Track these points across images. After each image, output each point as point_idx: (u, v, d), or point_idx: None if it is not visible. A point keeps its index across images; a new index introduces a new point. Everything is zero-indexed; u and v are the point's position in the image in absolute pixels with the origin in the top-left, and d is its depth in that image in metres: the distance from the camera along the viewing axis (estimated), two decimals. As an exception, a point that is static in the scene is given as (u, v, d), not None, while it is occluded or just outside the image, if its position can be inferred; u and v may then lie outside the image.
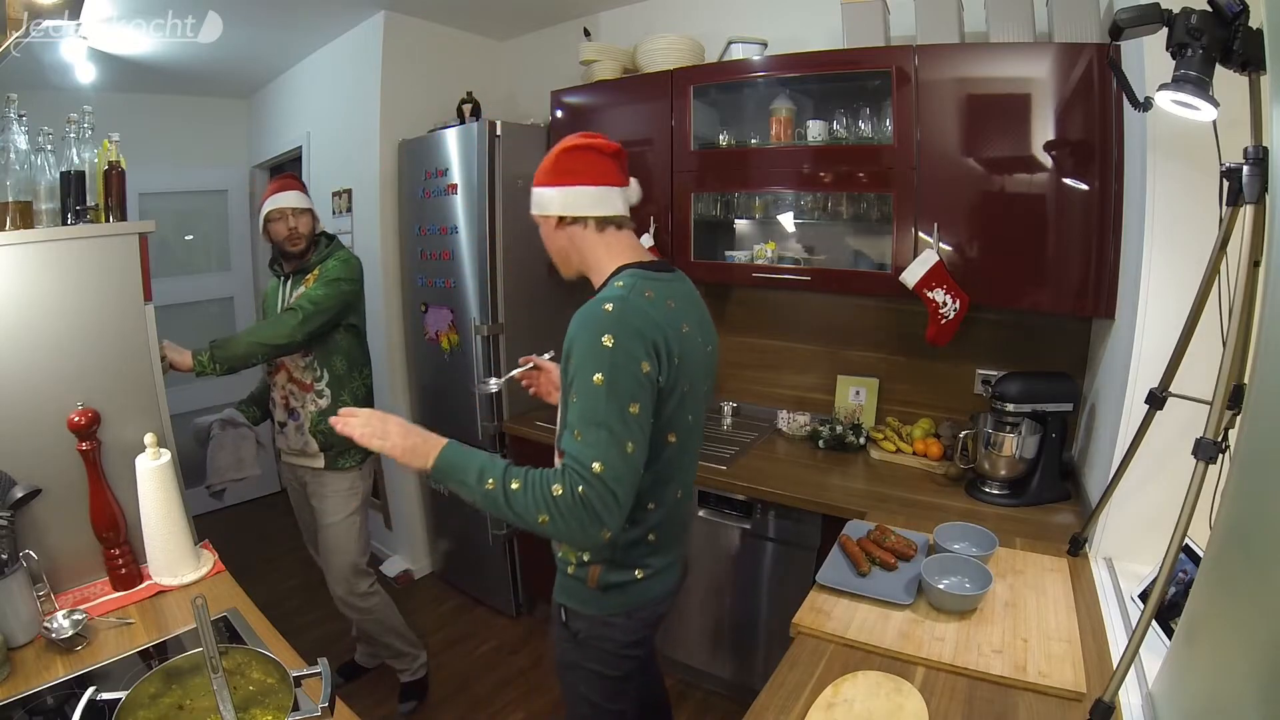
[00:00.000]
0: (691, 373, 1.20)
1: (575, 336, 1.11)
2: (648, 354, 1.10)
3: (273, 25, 2.80)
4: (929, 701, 1.07)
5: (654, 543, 1.27)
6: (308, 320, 1.95)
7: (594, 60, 2.56)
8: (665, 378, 1.13)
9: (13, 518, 1.28)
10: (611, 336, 1.08)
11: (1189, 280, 1.20)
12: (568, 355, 1.12)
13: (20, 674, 1.17)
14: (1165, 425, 1.30)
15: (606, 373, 1.06)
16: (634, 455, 1.08)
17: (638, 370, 1.08)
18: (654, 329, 1.12)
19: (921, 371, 2.31)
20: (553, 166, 1.26)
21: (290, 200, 2.06)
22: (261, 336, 1.92)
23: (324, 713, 0.92)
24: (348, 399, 2.12)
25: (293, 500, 2.35)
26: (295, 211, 2.06)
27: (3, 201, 1.33)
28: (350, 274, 2.08)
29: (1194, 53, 1.00)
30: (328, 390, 2.10)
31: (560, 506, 1.04)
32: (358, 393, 2.16)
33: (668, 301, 1.19)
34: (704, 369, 1.27)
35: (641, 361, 1.09)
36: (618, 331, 1.08)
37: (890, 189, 1.98)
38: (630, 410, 1.07)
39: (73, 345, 1.41)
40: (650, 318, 1.12)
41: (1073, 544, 1.55)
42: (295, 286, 2.10)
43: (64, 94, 2.32)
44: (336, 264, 2.07)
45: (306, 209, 2.09)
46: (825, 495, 1.93)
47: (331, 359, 2.10)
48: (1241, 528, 0.83)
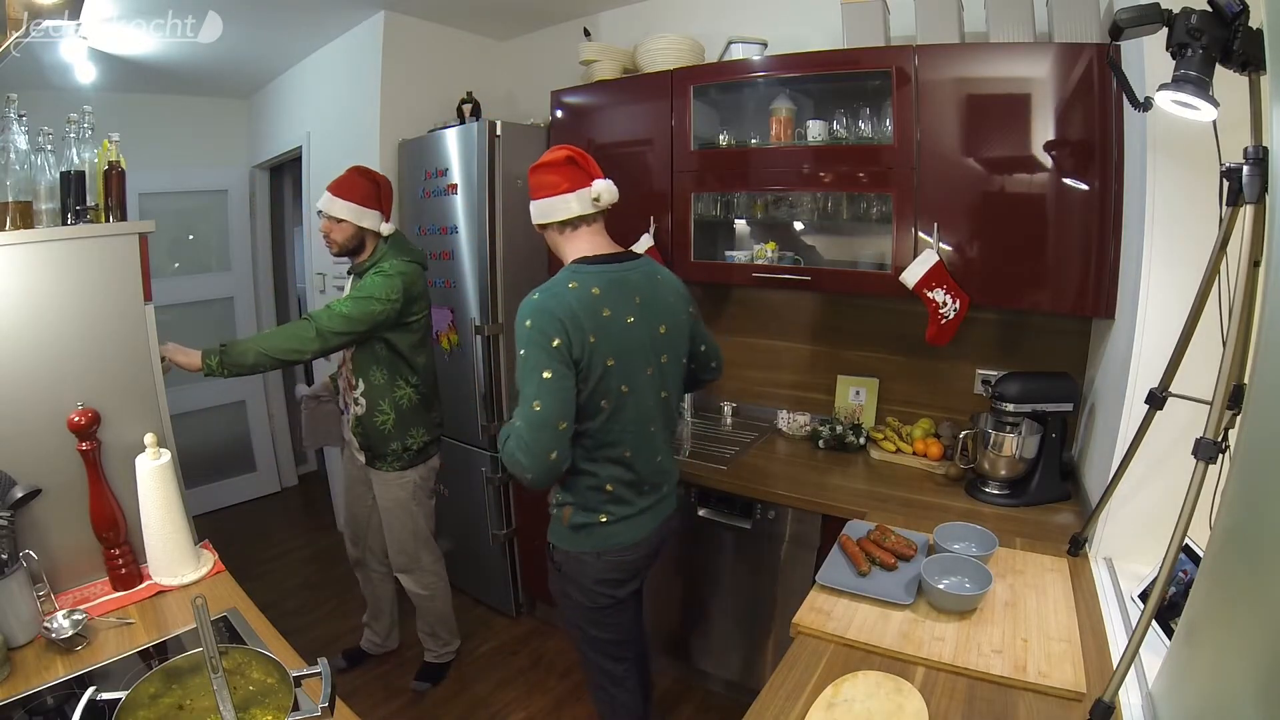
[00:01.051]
0: (614, 349, 1.43)
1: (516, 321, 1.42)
2: (558, 331, 1.36)
3: (273, 25, 2.80)
4: (929, 701, 1.07)
5: (611, 493, 1.52)
6: (323, 336, 1.87)
7: (594, 60, 2.56)
8: (579, 352, 1.38)
9: (13, 518, 1.28)
10: (530, 319, 1.38)
11: (1189, 280, 1.20)
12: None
13: (20, 674, 1.18)
14: (1165, 425, 1.30)
15: (526, 348, 1.38)
16: (542, 412, 1.36)
17: (548, 344, 1.36)
18: (566, 311, 1.38)
19: (921, 371, 2.31)
20: (529, 184, 1.52)
21: (325, 204, 2.01)
22: (272, 347, 1.84)
23: (324, 713, 0.92)
24: (387, 408, 2.09)
25: (348, 480, 2.35)
26: (331, 218, 2.01)
27: (3, 201, 1.33)
28: (387, 292, 1.96)
29: (1194, 53, 1.00)
30: (364, 399, 2.08)
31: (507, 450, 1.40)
32: (401, 403, 2.10)
33: (592, 289, 1.43)
34: (636, 344, 1.47)
35: (553, 338, 1.36)
36: (535, 315, 1.38)
37: (890, 189, 1.98)
38: (543, 376, 1.36)
39: (73, 345, 1.41)
40: (565, 302, 1.39)
41: (1073, 544, 1.55)
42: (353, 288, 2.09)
43: (64, 94, 2.33)
44: (377, 279, 1.98)
45: (337, 218, 2.01)
46: (825, 495, 1.93)
47: (369, 369, 2.06)
48: (1241, 528, 0.83)
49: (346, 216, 2.00)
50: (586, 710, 2.29)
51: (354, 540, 2.40)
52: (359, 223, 2.02)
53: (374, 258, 2.07)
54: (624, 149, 2.47)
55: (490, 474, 2.66)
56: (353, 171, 2.07)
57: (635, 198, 2.43)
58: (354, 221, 2.01)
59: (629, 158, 2.45)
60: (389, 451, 2.12)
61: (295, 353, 1.86)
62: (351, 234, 2.03)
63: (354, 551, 2.43)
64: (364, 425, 2.10)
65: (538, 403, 1.36)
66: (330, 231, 2.02)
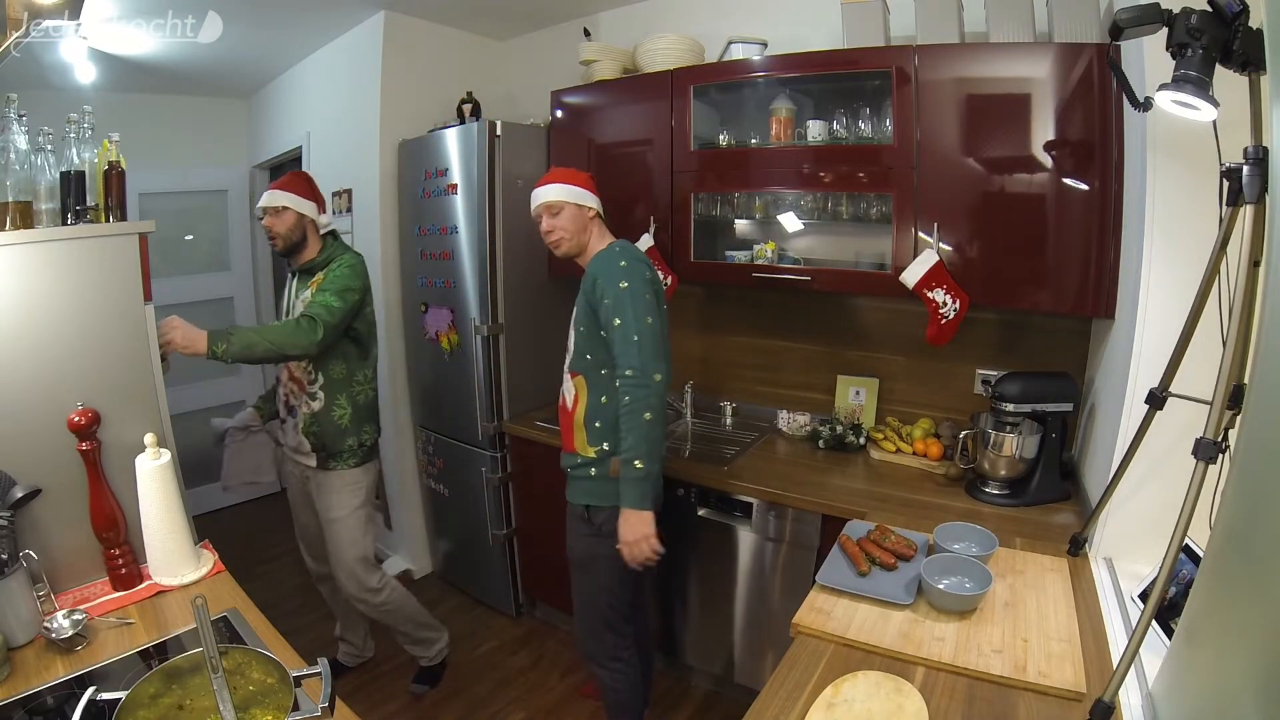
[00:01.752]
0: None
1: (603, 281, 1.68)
2: (648, 267, 1.74)
3: (273, 25, 2.80)
4: (929, 701, 1.07)
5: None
6: (327, 333, 1.91)
7: (594, 60, 2.56)
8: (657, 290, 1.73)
9: (13, 518, 1.28)
10: (624, 260, 1.69)
11: (1189, 280, 1.20)
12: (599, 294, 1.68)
13: (20, 674, 1.17)
14: (1165, 425, 1.30)
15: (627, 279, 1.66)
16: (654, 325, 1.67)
17: (642, 276, 1.68)
18: (644, 259, 1.75)
19: (921, 371, 2.31)
20: (587, 180, 1.83)
21: (266, 199, 2.03)
22: (281, 342, 1.85)
23: (324, 713, 0.92)
24: (345, 403, 2.09)
25: (290, 497, 2.32)
26: (273, 210, 2.02)
27: (3, 201, 1.33)
28: (360, 281, 2.05)
29: (1194, 53, 1.00)
30: (321, 393, 2.07)
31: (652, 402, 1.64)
32: (358, 398, 2.12)
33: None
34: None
35: (643, 271, 1.70)
36: (626, 256, 1.71)
37: (890, 189, 1.98)
38: (645, 298, 1.67)
39: (73, 345, 1.41)
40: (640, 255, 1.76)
41: (1073, 544, 1.55)
42: (301, 287, 2.09)
43: (64, 94, 2.33)
44: (346, 271, 2.02)
45: (284, 208, 2.02)
46: (825, 495, 1.93)
47: (329, 363, 2.06)
48: (1241, 528, 0.83)
49: (287, 204, 2.02)
50: (587, 710, 2.29)
51: (314, 556, 2.33)
52: (299, 209, 2.04)
53: (324, 254, 2.08)
54: (624, 149, 2.47)
55: (490, 474, 2.67)
56: (286, 175, 2.13)
57: (635, 198, 2.43)
58: (294, 209, 2.03)
59: (629, 158, 2.45)
60: (344, 448, 2.11)
61: (301, 349, 1.87)
62: (293, 223, 2.04)
63: (315, 566, 2.36)
64: (319, 422, 2.07)
65: (650, 317, 1.64)
66: (274, 226, 2.03)
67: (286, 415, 2.15)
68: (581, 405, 1.75)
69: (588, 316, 1.72)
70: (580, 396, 1.76)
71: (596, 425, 1.73)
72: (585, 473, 1.76)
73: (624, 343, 1.64)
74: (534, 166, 2.63)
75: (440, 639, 2.42)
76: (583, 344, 1.74)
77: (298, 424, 2.11)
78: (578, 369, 1.76)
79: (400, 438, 3.07)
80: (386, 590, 2.23)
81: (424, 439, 3.01)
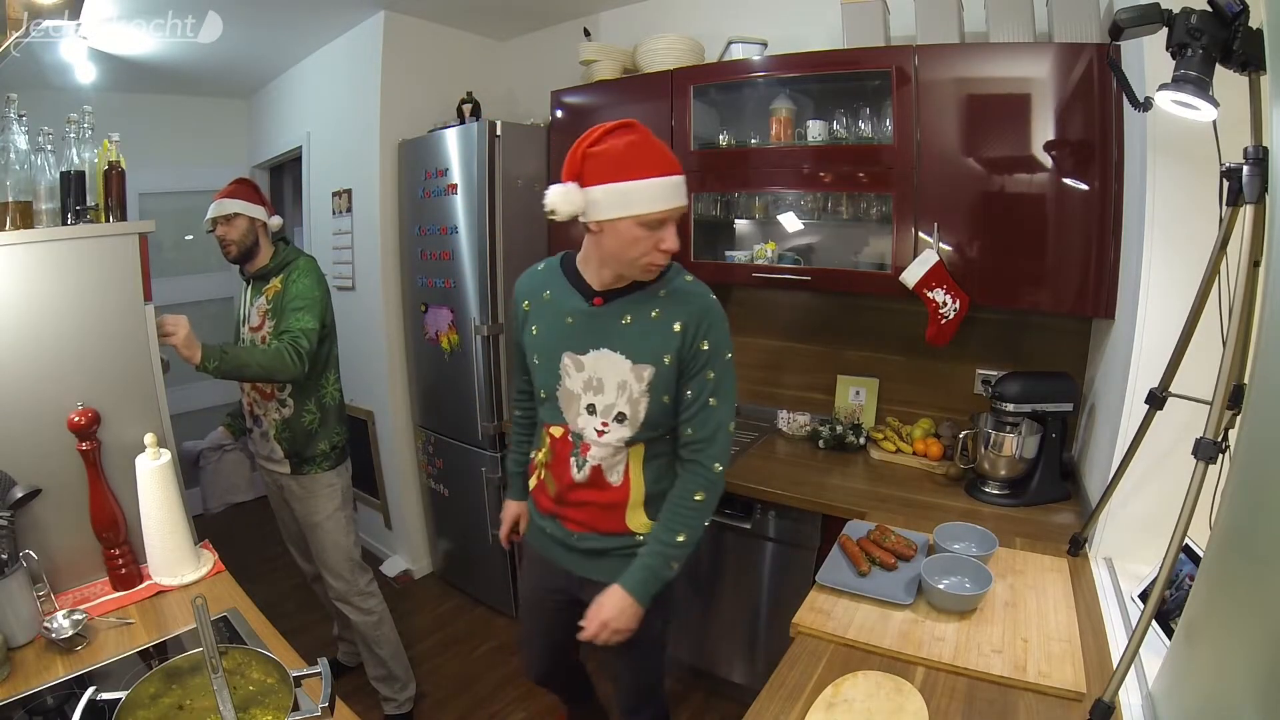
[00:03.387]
0: None
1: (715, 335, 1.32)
2: None
3: (273, 25, 2.80)
4: (929, 701, 1.07)
5: None
6: (304, 358, 1.87)
7: (594, 60, 2.56)
8: None
9: (13, 518, 1.28)
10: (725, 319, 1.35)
11: (1189, 280, 1.20)
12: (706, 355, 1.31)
13: (20, 674, 1.17)
14: (1165, 425, 1.30)
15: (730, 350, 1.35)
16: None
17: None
18: None
19: (921, 371, 2.31)
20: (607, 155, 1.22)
21: (215, 209, 1.99)
22: (271, 366, 1.82)
23: (324, 713, 0.92)
24: (313, 407, 2.06)
25: (272, 503, 2.29)
26: (224, 219, 2.00)
27: (3, 201, 1.33)
28: (322, 288, 2.01)
29: (1194, 53, 1.00)
30: (290, 400, 2.04)
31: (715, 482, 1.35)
32: (325, 401, 2.09)
33: None
34: None
35: None
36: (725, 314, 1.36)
37: (890, 189, 1.98)
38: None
39: (73, 345, 1.41)
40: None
41: (1073, 544, 1.55)
42: (255, 294, 2.06)
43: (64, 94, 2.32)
44: (310, 281, 1.99)
45: (235, 214, 1.99)
46: (825, 495, 1.93)
47: None
48: (1241, 528, 0.83)
49: (239, 210, 2.00)
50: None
51: (304, 556, 2.31)
52: (250, 214, 2.02)
53: (278, 259, 2.06)
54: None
55: (490, 474, 2.66)
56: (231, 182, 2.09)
57: (635, 198, 2.43)
58: (245, 214, 2.01)
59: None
60: (317, 453, 2.08)
61: (289, 375, 1.85)
62: (245, 229, 2.02)
63: (307, 568, 2.34)
64: (291, 428, 2.05)
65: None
66: (226, 234, 2.01)
67: (253, 425, 2.13)
68: (639, 480, 1.38)
69: (670, 375, 1.30)
70: (634, 468, 1.37)
71: (659, 493, 1.40)
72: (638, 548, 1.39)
73: (718, 428, 1.32)
74: (534, 167, 2.63)
75: (410, 687, 2.30)
76: (660, 412, 1.33)
77: (267, 432, 2.07)
78: (641, 437, 1.35)
79: (400, 438, 3.07)
80: (377, 597, 2.21)
81: (424, 439, 3.01)
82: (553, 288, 1.40)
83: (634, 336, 1.31)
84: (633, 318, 1.32)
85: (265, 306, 2.03)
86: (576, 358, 1.34)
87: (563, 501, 1.43)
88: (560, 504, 1.44)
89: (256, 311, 2.05)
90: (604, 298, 1.34)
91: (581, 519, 1.42)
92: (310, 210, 3.40)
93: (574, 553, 1.45)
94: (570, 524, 1.44)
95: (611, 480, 1.37)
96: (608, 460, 1.36)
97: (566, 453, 1.39)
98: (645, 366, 1.30)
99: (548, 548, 1.51)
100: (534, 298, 1.43)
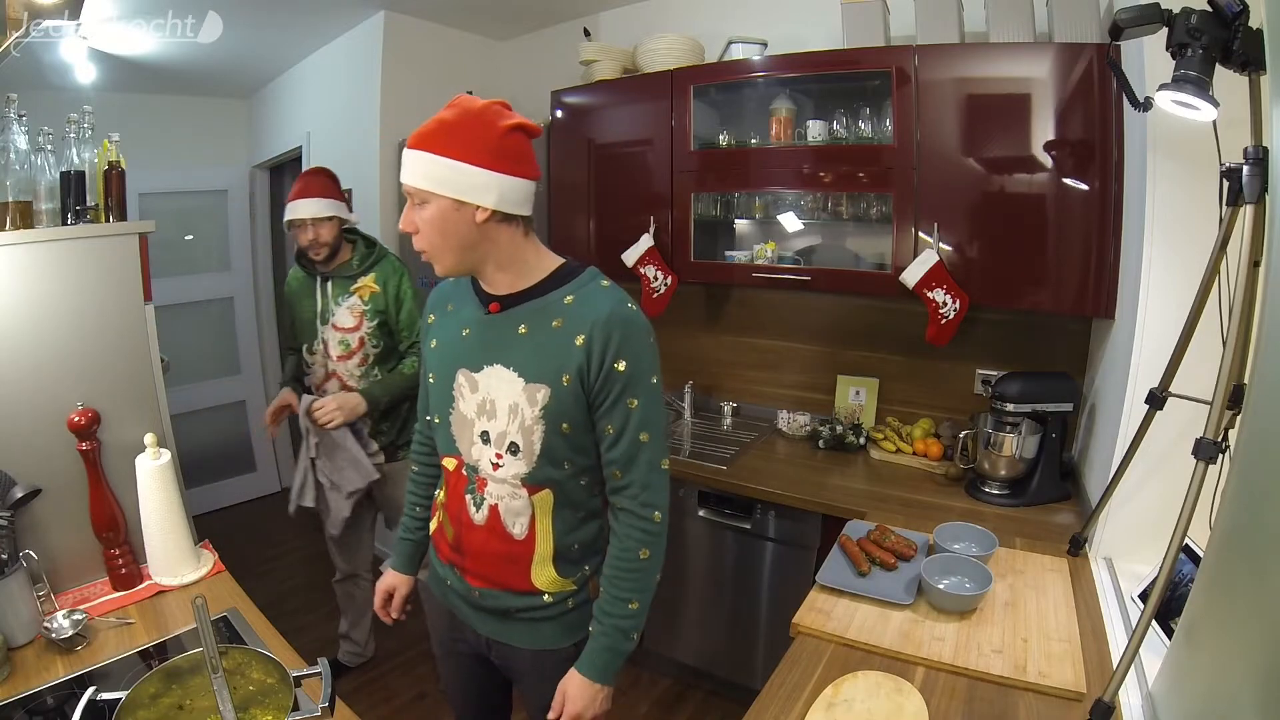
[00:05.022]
0: None
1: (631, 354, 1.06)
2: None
3: (273, 25, 2.80)
4: (929, 701, 1.07)
5: None
6: None
7: (594, 60, 2.56)
8: None
9: (13, 518, 1.28)
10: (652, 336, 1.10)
11: (1189, 280, 1.20)
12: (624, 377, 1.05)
13: (20, 674, 1.17)
14: (1165, 425, 1.30)
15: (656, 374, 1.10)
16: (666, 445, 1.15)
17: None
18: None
19: (921, 371, 2.31)
20: (498, 145, 1.04)
21: (309, 210, 1.98)
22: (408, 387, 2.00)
23: (324, 713, 0.92)
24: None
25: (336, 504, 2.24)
26: (315, 221, 2.00)
27: (3, 201, 1.33)
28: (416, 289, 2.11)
29: (1194, 53, 1.00)
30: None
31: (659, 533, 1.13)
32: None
33: None
34: None
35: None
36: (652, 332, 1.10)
37: (890, 189, 1.98)
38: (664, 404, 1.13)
39: (73, 345, 1.41)
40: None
41: (1073, 544, 1.55)
42: (341, 293, 2.07)
43: (64, 94, 2.32)
44: (409, 286, 2.09)
45: (328, 217, 2.00)
46: (825, 495, 1.93)
47: (394, 368, 2.12)
48: (1241, 528, 0.83)
49: (333, 212, 2.02)
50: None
51: (349, 557, 2.35)
52: (341, 214, 2.05)
53: (360, 256, 2.08)
54: (624, 149, 2.47)
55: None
56: (309, 174, 2.08)
57: (635, 198, 2.43)
58: (338, 214, 2.04)
59: (629, 158, 2.45)
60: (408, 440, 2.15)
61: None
62: (337, 229, 2.05)
63: (347, 567, 2.37)
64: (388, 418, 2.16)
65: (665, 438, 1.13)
66: (319, 236, 2.00)
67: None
68: (548, 531, 1.14)
69: (568, 399, 1.06)
70: (542, 518, 1.13)
71: (574, 548, 1.16)
72: (561, 608, 1.17)
73: (650, 469, 1.10)
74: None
75: None
76: (560, 446, 1.09)
77: (361, 430, 2.10)
78: (543, 481, 1.11)
79: (400, 438, 3.07)
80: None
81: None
82: (456, 298, 1.20)
83: (529, 350, 1.07)
84: (529, 328, 1.08)
85: (361, 307, 2.05)
86: (471, 375, 1.11)
87: (460, 549, 1.20)
88: (458, 552, 1.20)
89: (349, 312, 2.05)
90: (501, 304, 1.11)
91: (483, 572, 1.18)
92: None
93: (477, 610, 1.22)
94: (470, 577, 1.20)
95: (514, 532, 1.13)
96: (506, 502, 1.12)
97: (461, 489, 1.16)
98: (539, 387, 1.06)
99: (449, 598, 1.27)
100: (439, 310, 1.23)
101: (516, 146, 1.06)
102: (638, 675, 2.43)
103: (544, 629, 1.19)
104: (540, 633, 1.19)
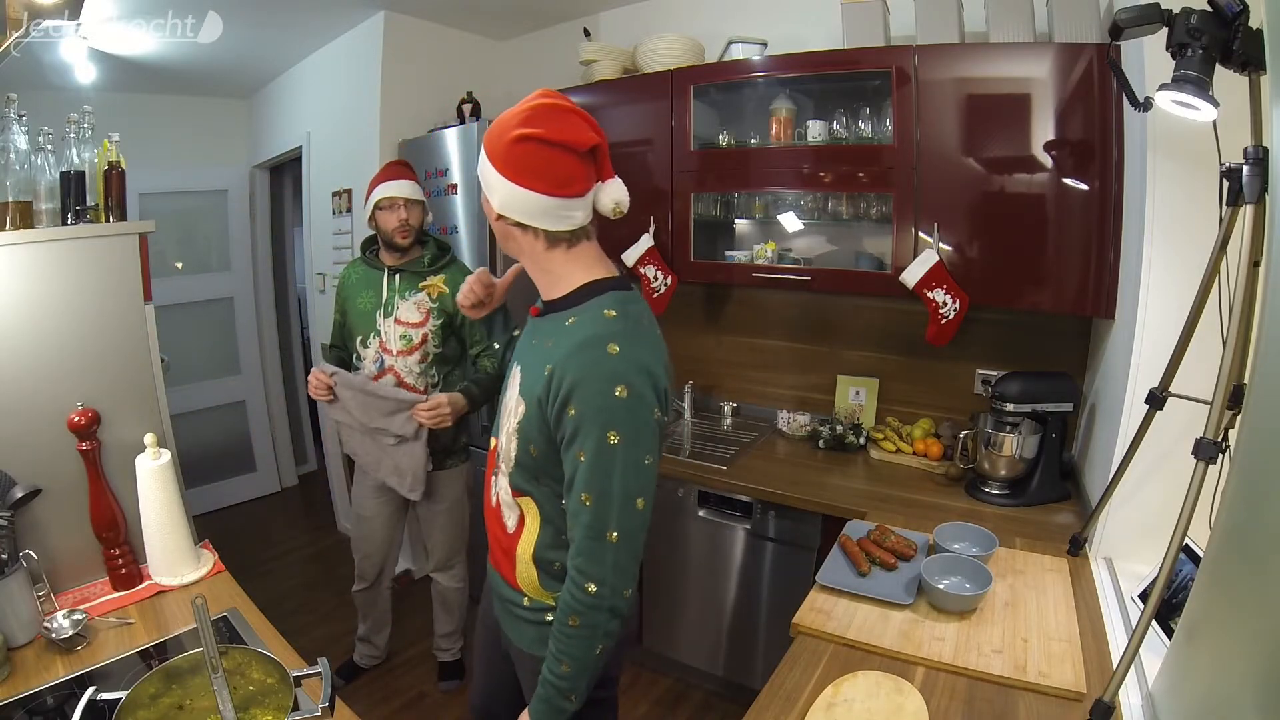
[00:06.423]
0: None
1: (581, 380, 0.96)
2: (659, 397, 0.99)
3: (273, 25, 2.80)
4: (929, 701, 1.07)
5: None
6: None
7: (594, 60, 2.56)
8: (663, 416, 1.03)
9: (13, 518, 1.28)
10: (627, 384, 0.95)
11: (1189, 280, 1.20)
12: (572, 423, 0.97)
13: (20, 674, 1.17)
14: (1165, 425, 1.30)
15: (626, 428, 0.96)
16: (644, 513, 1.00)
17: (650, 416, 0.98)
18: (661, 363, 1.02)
19: (921, 371, 2.31)
20: (505, 151, 1.00)
21: (405, 190, 1.99)
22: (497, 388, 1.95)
23: (324, 713, 0.93)
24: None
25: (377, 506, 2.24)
26: (409, 203, 2.00)
27: (3, 201, 1.33)
28: None
29: (1194, 53, 1.00)
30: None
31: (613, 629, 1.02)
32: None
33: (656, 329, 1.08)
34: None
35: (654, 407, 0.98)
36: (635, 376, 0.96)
37: (890, 189, 1.98)
38: (645, 463, 0.98)
39: (73, 345, 1.41)
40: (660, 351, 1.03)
41: (1073, 544, 1.55)
42: (408, 288, 2.03)
43: (64, 94, 2.33)
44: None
45: (420, 200, 2.02)
46: (825, 495, 1.93)
47: (450, 371, 2.11)
48: (1241, 528, 0.83)
49: (420, 197, 2.04)
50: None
51: (376, 565, 2.32)
52: (424, 201, 2.07)
53: (439, 260, 2.08)
54: (624, 149, 2.47)
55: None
56: (398, 163, 2.12)
57: (635, 198, 2.37)
58: (424, 201, 2.06)
59: (629, 158, 2.45)
60: (458, 447, 2.20)
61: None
62: (423, 218, 2.07)
63: (373, 574, 2.35)
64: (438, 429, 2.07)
65: (641, 499, 0.98)
66: (410, 218, 2.01)
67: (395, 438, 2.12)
68: (532, 537, 1.11)
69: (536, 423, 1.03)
70: (529, 524, 1.11)
71: (555, 565, 1.10)
72: (538, 618, 1.13)
73: (589, 535, 0.98)
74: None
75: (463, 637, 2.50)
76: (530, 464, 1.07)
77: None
78: (524, 488, 1.10)
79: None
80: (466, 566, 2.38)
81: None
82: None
83: (532, 362, 1.06)
84: (540, 339, 1.08)
85: (429, 305, 2.03)
86: (514, 370, 1.14)
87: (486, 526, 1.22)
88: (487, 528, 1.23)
89: (415, 307, 2.02)
90: (541, 309, 1.13)
91: (492, 553, 1.21)
92: (310, 210, 3.40)
93: (491, 591, 1.26)
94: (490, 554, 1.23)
95: (507, 524, 1.14)
96: (503, 495, 1.13)
97: (490, 469, 1.19)
98: (522, 401, 1.05)
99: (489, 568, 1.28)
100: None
101: (523, 157, 0.99)
102: (638, 675, 2.43)
103: (525, 630, 1.16)
104: (522, 632, 1.17)
